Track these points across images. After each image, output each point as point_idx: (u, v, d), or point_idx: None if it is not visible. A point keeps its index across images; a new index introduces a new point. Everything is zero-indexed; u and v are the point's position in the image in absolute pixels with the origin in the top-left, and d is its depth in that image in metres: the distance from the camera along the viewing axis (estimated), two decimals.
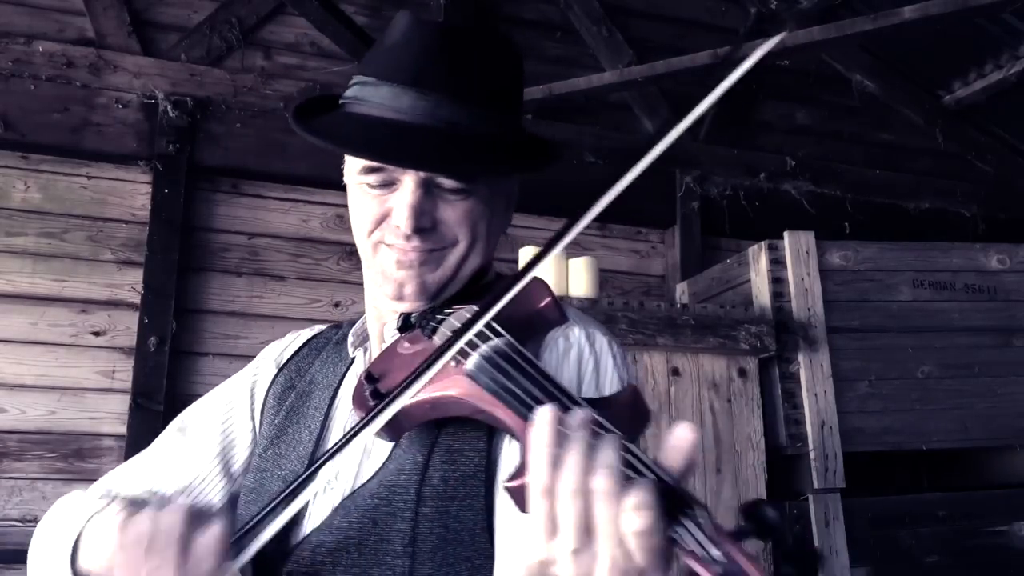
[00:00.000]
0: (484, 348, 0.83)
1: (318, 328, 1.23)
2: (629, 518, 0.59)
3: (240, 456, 1.13)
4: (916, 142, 4.36)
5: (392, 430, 0.88)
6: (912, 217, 4.16)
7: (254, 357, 1.22)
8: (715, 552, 0.60)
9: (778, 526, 0.62)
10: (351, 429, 0.81)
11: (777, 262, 2.95)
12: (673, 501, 0.62)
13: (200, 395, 1.22)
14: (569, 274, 2.92)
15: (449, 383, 0.85)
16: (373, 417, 0.80)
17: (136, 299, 3.09)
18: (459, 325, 0.87)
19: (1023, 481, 3.10)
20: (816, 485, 2.76)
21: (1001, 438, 3.06)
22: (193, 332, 3.17)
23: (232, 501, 1.11)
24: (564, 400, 0.74)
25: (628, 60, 3.82)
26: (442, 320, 0.96)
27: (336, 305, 3.34)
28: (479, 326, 0.81)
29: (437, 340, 0.92)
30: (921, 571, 2.83)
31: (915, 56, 4.17)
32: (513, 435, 0.81)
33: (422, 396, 0.85)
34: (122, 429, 2.98)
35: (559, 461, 0.63)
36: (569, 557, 0.62)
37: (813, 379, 2.84)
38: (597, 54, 3.89)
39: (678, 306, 2.84)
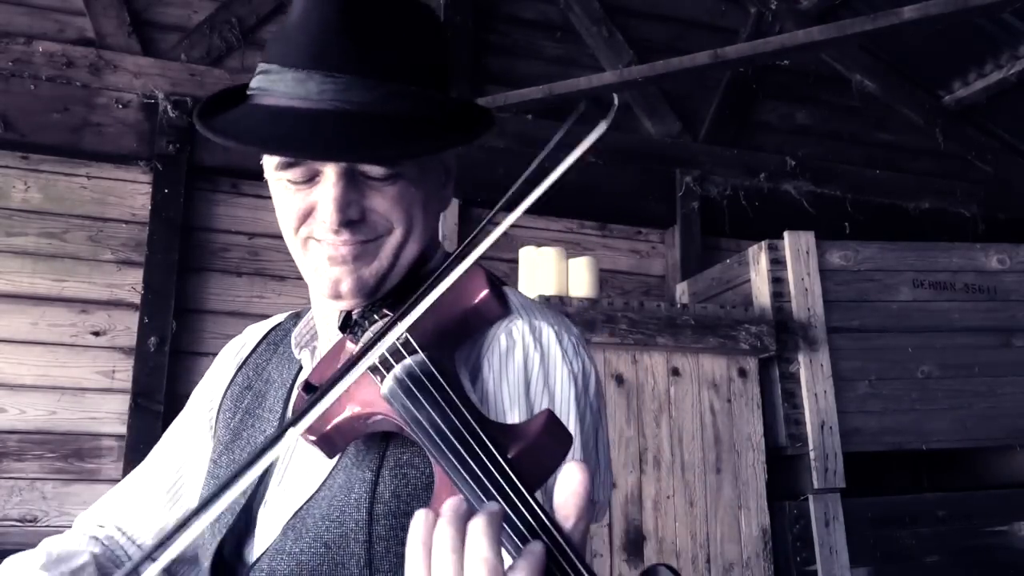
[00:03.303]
0: (397, 369, 0.77)
1: (277, 319, 1.17)
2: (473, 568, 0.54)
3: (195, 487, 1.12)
4: (916, 142, 4.36)
5: (328, 445, 0.82)
6: (912, 217, 4.16)
7: None
8: None
9: None
10: (249, 457, 0.71)
11: (777, 262, 2.95)
12: (565, 569, 0.56)
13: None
14: (569, 274, 2.92)
15: (372, 400, 0.79)
16: (273, 442, 0.70)
17: (136, 299, 3.09)
18: (371, 335, 0.80)
19: (1023, 481, 3.11)
20: (816, 485, 2.76)
21: (1001, 438, 3.06)
22: (193, 332, 3.17)
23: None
24: (468, 435, 0.68)
25: (628, 60, 3.82)
26: (370, 324, 0.89)
27: None
28: (389, 341, 0.72)
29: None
30: (921, 571, 2.83)
31: (915, 56, 4.17)
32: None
33: (354, 411, 0.80)
34: (122, 429, 2.98)
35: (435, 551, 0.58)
36: None
37: (813, 379, 2.84)
38: (597, 54, 3.89)
39: (678, 306, 2.84)
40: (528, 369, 0.87)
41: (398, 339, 0.76)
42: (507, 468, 0.63)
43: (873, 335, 2.98)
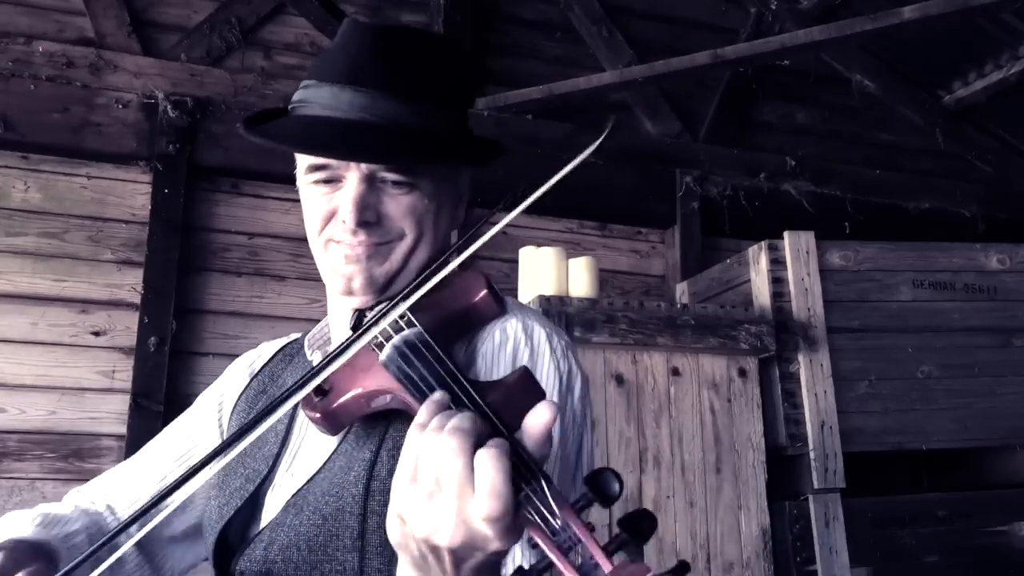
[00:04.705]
0: (396, 339, 0.86)
1: (293, 336, 1.26)
2: (480, 503, 0.61)
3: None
4: (916, 142, 4.36)
5: (331, 424, 0.91)
6: (912, 217, 4.16)
7: None
8: (555, 521, 0.62)
9: (617, 495, 0.63)
10: (244, 424, 0.82)
11: (777, 262, 2.95)
12: (520, 467, 0.64)
13: (200, 395, 1.24)
14: (569, 274, 2.92)
15: (372, 374, 0.88)
16: (266, 414, 0.81)
17: (136, 299, 3.09)
18: (374, 314, 0.89)
19: (1023, 481, 3.11)
20: (816, 485, 2.76)
21: (1001, 438, 3.06)
22: (193, 332, 3.17)
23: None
24: (453, 384, 0.77)
25: (628, 60, 3.82)
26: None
27: None
28: (391, 317, 0.83)
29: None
30: (921, 571, 2.83)
31: (915, 56, 4.17)
32: None
33: (357, 390, 0.89)
34: (122, 429, 2.98)
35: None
36: (422, 504, 0.65)
37: (813, 379, 2.84)
38: (597, 54, 3.89)
39: (678, 306, 2.84)
40: (517, 362, 0.95)
41: (401, 317, 0.86)
42: (487, 410, 0.72)
43: (873, 335, 2.98)
